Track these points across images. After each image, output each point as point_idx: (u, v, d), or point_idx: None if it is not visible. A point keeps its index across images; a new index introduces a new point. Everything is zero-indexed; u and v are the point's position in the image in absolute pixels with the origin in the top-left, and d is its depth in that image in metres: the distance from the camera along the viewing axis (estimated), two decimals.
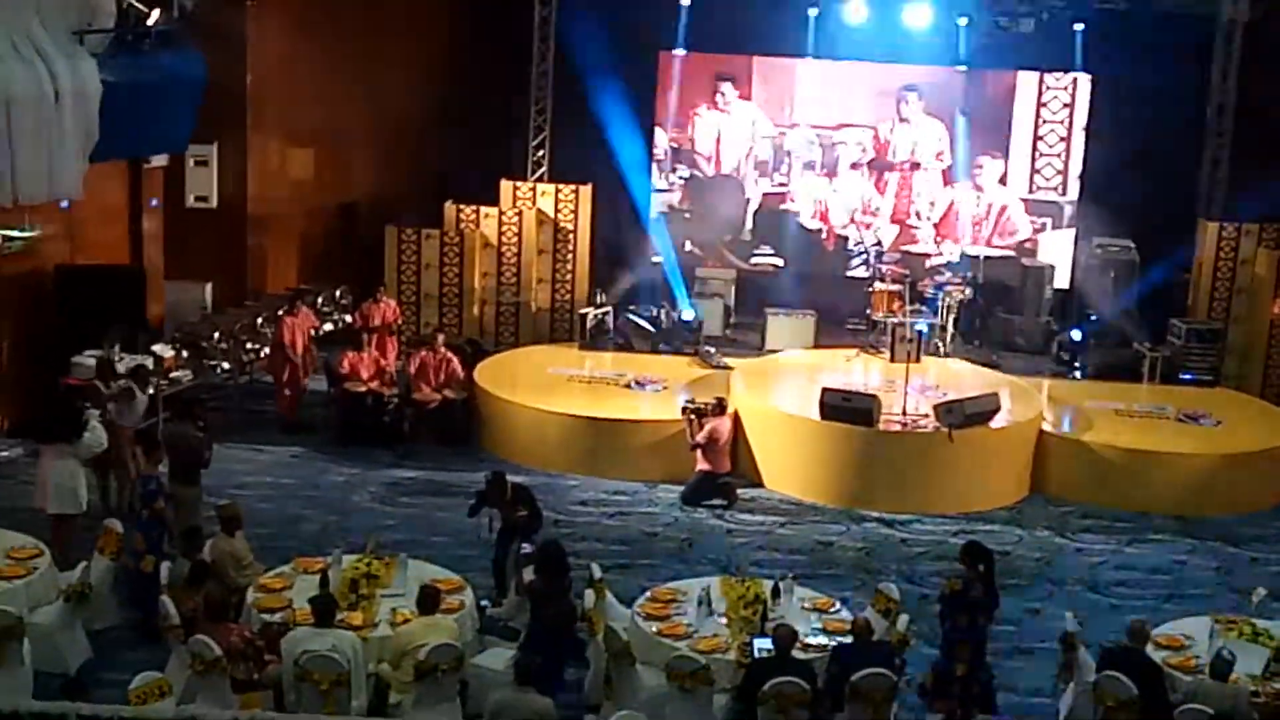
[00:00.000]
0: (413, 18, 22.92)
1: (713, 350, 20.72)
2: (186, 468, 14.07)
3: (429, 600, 11.37)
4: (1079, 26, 21.51)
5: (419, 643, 10.92)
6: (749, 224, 21.56)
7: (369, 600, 12.04)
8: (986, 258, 21.63)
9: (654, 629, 11.92)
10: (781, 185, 20.38)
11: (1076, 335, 21.47)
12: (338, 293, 21.03)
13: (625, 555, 15.22)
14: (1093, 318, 21.86)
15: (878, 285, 21.53)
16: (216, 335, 18.99)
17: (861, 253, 21.19)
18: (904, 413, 17.54)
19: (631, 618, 12.23)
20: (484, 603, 12.98)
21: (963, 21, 21.63)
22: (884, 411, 17.32)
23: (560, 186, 22.37)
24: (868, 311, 21.68)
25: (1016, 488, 17.53)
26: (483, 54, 23.17)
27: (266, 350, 19.20)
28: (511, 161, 23.27)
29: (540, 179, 23.20)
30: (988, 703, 11.76)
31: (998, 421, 17.50)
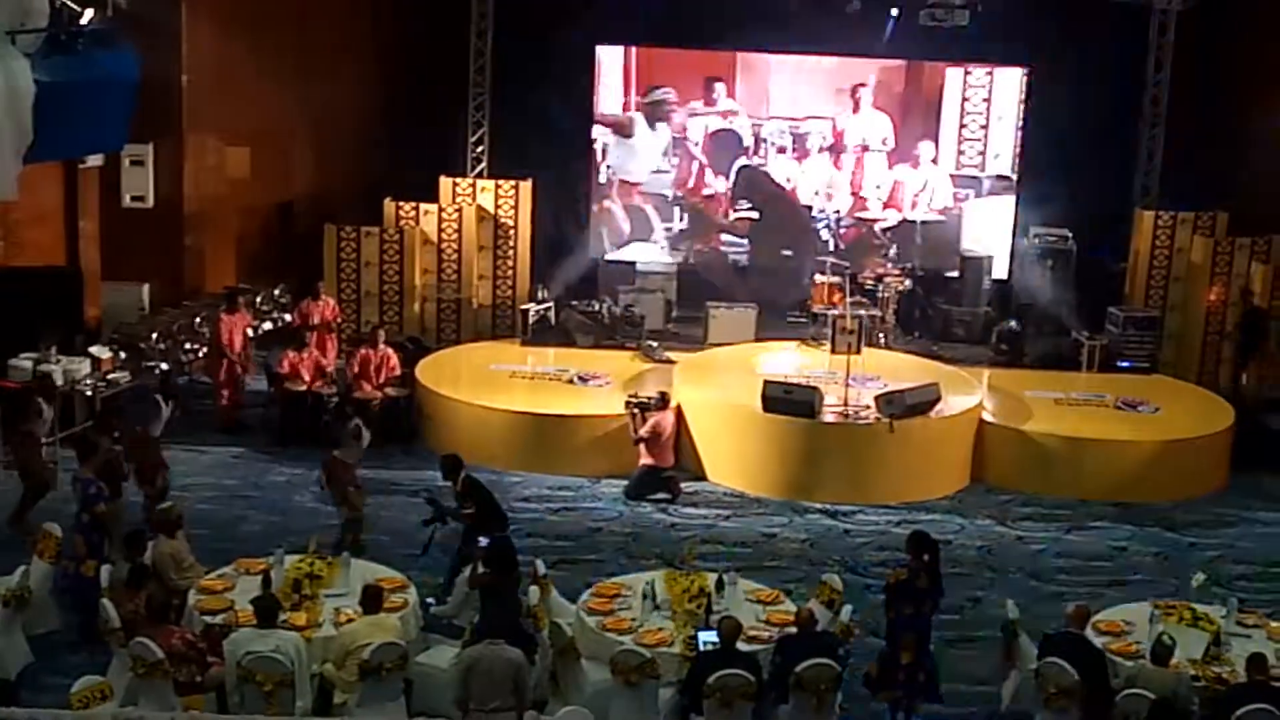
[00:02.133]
0: (349, 14, 22.81)
1: (655, 345, 20.75)
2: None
3: (372, 599, 11.33)
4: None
5: (363, 642, 10.88)
6: (732, 178, 22.85)
7: (312, 600, 11.99)
8: (924, 224, 22.58)
9: (598, 624, 11.93)
10: (759, 165, 22.31)
11: (1015, 325, 21.62)
12: (276, 291, 20.93)
13: (569, 551, 15.23)
14: (1030, 307, 22.00)
15: (818, 278, 21.63)
16: (154, 336, 18.88)
17: (824, 220, 22.96)
18: (845, 404, 17.62)
19: (576, 613, 12.23)
20: (428, 600, 12.95)
21: (894, 12, 21.88)
22: (825, 403, 17.40)
23: (500, 182, 22.32)
24: (808, 304, 21.78)
25: (957, 477, 17.65)
26: (421, 50, 23.10)
27: (205, 350, 19.07)
28: (451, 158, 23.21)
29: (480, 175, 23.15)
30: (932, 691, 11.84)
31: (938, 411, 17.61)
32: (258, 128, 21.93)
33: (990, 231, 21.83)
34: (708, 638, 11.27)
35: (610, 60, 23.20)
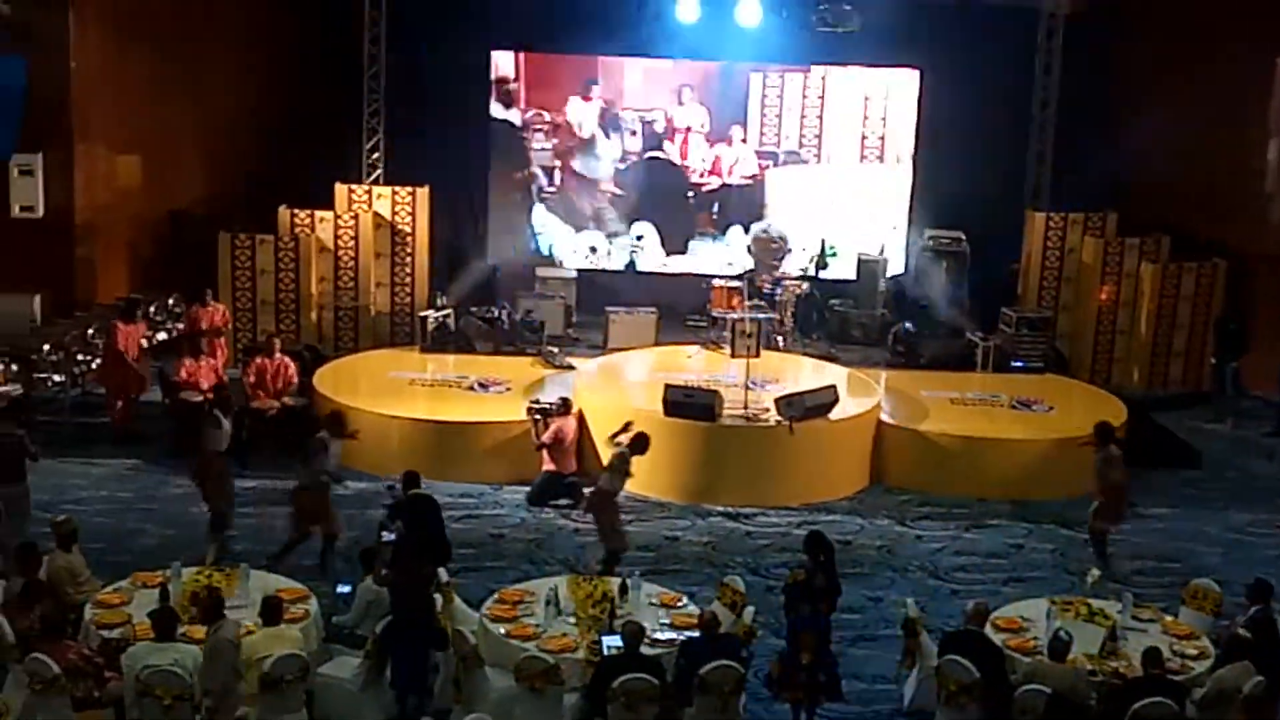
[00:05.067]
0: (241, 20, 22.58)
1: (555, 350, 20.74)
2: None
3: (272, 610, 11.24)
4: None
5: (263, 654, 10.80)
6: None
7: None
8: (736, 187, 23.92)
9: (502, 630, 11.92)
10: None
11: (911, 326, 21.82)
12: (170, 301, 20.69)
13: (472, 558, 15.16)
14: (926, 309, 22.22)
15: (716, 282, 21.76)
16: (46, 348, 18.58)
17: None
18: (745, 407, 17.69)
19: (480, 620, 12.21)
20: (340, 594, 12.87)
21: (782, 18, 22.24)
22: (726, 406, 17.47)
23: (397, 189, 22.19)
24: (707, 307, 21.90)
25: (857, 478, 17.78)
26: (314, 56, 22.93)
27: (98, 361, 18.80)
28: (346, 164, 23.06)
29: (376, 181, 23.02)
30: (833, 690, 11.90)
31: (837, 413, 17.74)
32: (149, 135, 21.67)
33: (788, 192, 24.34)
34: (611, 642, 11.29)
35: (504, 63, 23.68)
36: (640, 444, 15.03)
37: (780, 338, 21.50)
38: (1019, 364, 21.07)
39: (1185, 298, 21.62)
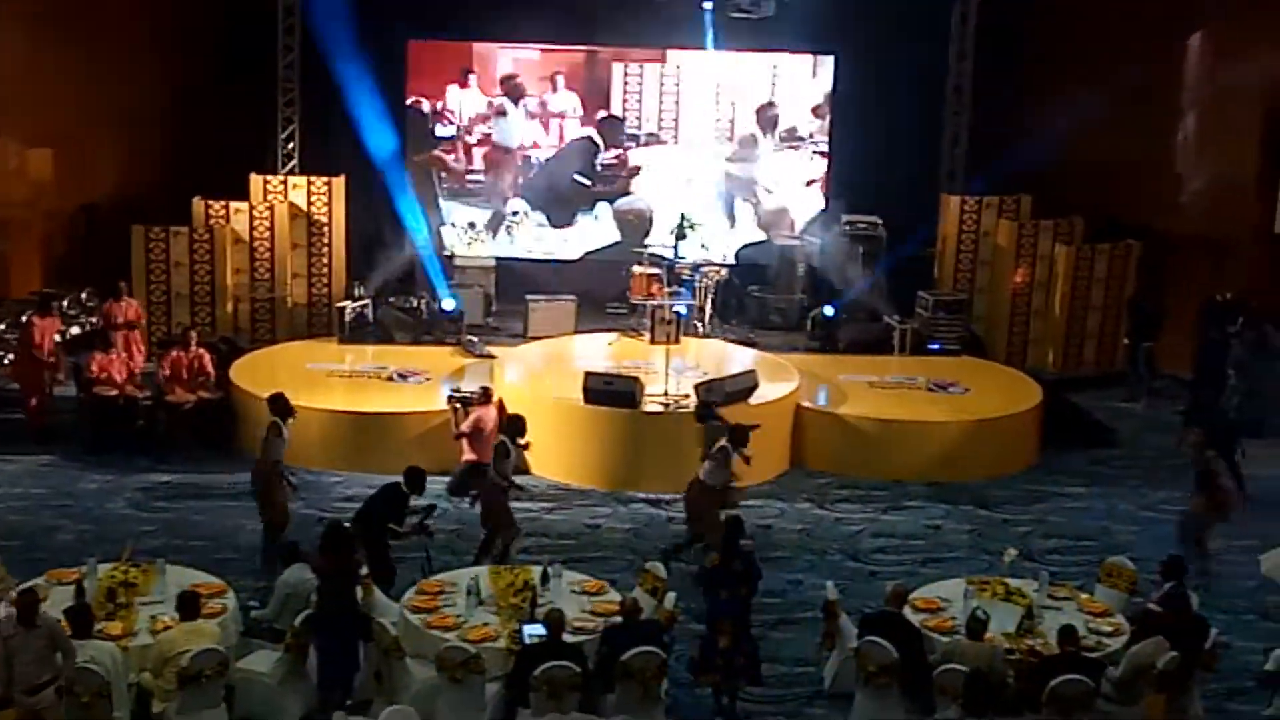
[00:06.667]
0: (154, 11, 22.33)
1: (475, 339, 20.69)
2: None
3: (189, 605, 11.17)
4: None
5: (181, 649, 10.74)
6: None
7: (127, 609, 11.79)
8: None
9: (423, 621, 11.89)
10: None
11: (829, 311, 21.93)
12: (83, 295, 20.47)
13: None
14: (844, 294, 22.31)
15: (636, 269, 21.78)
16: None
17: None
18: (666, 394, 17.73)
19: (400, 611, 12.18)
20: (250, 604, 12.79)
21: (707, 5, 22.31)
22: (646, 393, 17.49)
23: (312, 179, 22.04)
24: (627, 295, 21.91)
25: (776, 462, 17.85)
26: (227, 47, 22.69)
27: (11, 357, 18.58)
28: (261, 155, 22.85)
29: (291, 172, 22.84)
30: (753, 673, 11.99)
31: (756, 398, 17.80)
32: (61, 128, 21.40)
33: (653, 171, 24.83)
34: (533, 631, 11.30)
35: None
36: (740, 437, 15.05)
37: (700, 324, 21.56)
38: (935, 346, 21.24)
39: (1099, 279, 21.87)
